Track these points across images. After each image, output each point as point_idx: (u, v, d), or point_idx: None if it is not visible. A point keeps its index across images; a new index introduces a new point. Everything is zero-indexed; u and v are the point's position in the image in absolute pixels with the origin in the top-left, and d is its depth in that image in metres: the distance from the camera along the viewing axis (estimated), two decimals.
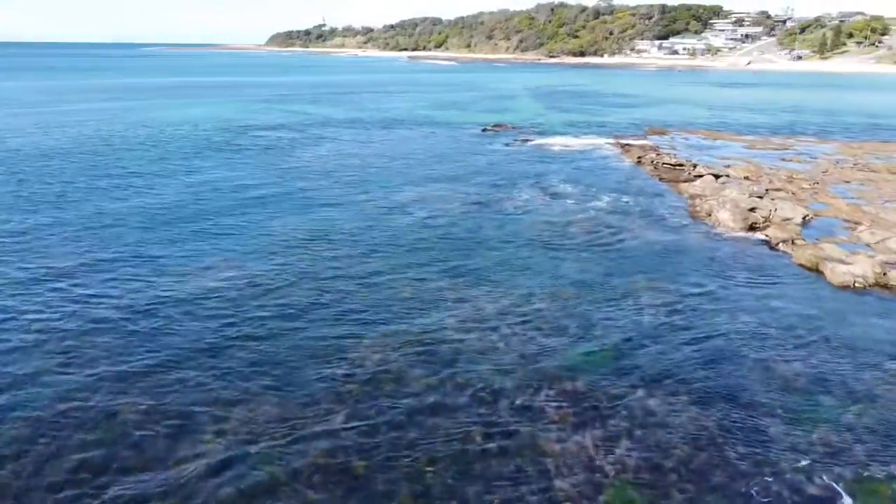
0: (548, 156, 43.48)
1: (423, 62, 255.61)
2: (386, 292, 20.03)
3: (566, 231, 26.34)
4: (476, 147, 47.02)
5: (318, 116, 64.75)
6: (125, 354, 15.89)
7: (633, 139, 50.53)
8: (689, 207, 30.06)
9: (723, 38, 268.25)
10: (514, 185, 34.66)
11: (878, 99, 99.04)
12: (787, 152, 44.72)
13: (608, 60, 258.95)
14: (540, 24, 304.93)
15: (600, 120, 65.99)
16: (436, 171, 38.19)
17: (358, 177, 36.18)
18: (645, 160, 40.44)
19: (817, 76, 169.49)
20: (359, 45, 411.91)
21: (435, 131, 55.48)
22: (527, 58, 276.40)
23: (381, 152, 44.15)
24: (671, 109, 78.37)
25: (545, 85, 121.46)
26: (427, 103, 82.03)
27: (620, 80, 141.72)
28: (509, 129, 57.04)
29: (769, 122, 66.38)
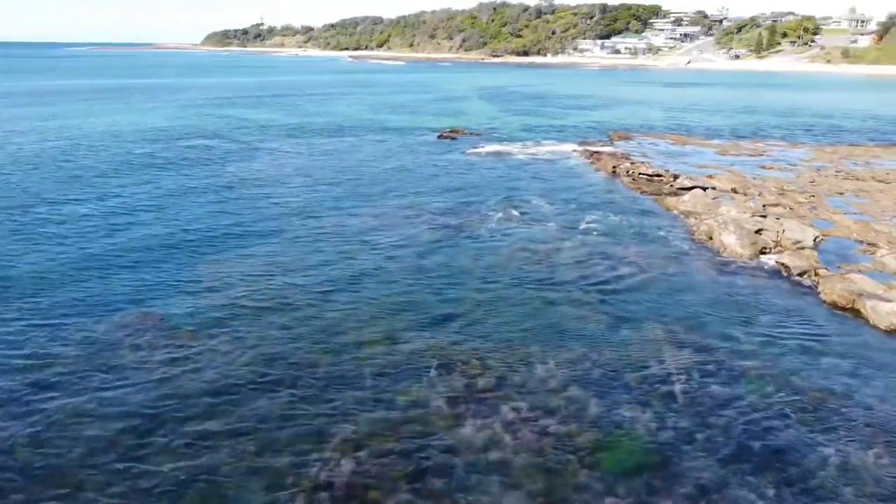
0: (514, 166, 39.78)
1: (367, 62, 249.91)
2: (350, 362, 15.77)
3: (555, 263, 22.56)
4: (434, 157, 42.97)
5: (257, 123, 59.50)
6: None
7: (600, 145, 47.38)
8: (685, 228, 26.72)
9: (663, 38, 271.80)
10: (484, 202, 30.77)
11: (824, 98, 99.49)
12: (764, 159, 42.25)
13: (552, 60, 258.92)
14: (482, 24, 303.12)
15: (558, 123, 62.87)
16: (394, 186, 33.96)
17: (304, 197, 31.61)
18: (620, 170, 37.17)
19: (757, 75, 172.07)
20: (299, 44, 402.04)
21: (386, 138, 51.18)
22: (471, 57, 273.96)
23: (328, 165, 39.61)
24: (627, 111, 76.07)
25: (494, 86, 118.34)
26: (375, 106, 77.53)
27: (568, 81, 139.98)
28: (466, 135, 53.21)
29: (728, 123, 64.54)
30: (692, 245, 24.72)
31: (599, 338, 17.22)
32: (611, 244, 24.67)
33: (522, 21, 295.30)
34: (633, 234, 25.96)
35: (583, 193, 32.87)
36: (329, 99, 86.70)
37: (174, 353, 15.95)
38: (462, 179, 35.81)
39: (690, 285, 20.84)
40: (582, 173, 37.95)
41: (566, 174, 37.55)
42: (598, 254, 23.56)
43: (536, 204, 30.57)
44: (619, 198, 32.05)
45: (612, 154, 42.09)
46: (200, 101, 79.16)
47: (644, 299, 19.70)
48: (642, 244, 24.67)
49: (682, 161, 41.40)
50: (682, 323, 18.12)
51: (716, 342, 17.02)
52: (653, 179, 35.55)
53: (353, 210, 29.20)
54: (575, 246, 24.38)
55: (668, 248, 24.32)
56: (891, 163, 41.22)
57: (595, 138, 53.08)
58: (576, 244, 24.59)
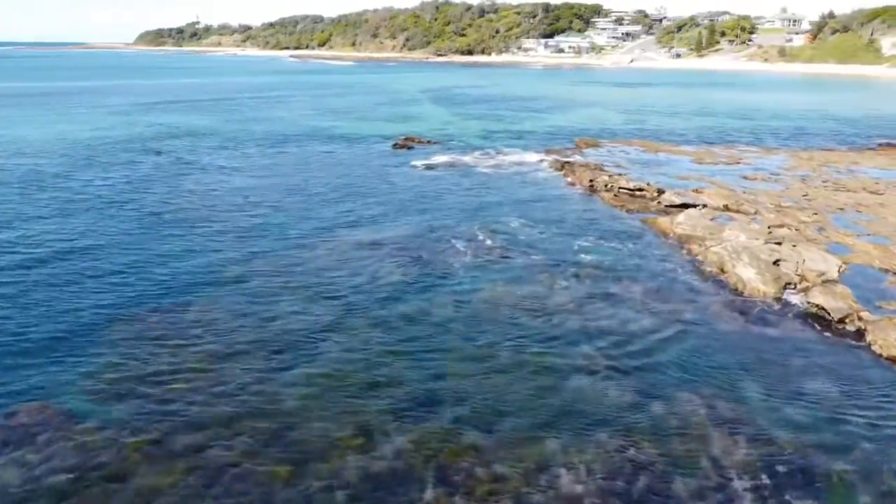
0: (480, 181, 35.95)
1: (310, 62, 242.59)
2: (315, 483, 11.56)
3: (550, 311, 18.75)
4: (390, 170, 38.77)
5: (188, 131, 53.99)
6: None
7: (568, 154, 44.01)
8: (688, 257, 23.32)
9: (605, 37, 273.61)
10: (453, 227, 26.80)
11: (774, 98, 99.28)
12: (743, 167, 39.60)
13: (496, 59, 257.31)
14: (426, 23, 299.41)
15: (517, 129, 59.41)
16: (348, 210, 29.65)
17: (240, 227, 26.96)
18: (598, 184, 33.76)
19: (701, 74, 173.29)
20: (237, 43, 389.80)
21: (335, 148, 46.65)
22: (415, 56, 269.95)
23: (270, 183, 34.93)
24: (584, 114, 73.29)
25: (443, 86, 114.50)
26: (320, 110, 72.60)
27: (516, 81, 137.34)
28: (423, 144, 49.14)
29: (690, 127, 62.32)
30: (702, 280, 21.30)
31: (629, 422, 13.48)
32: (610, 282, 21.04)
33: (466, 20, 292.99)
34: (632, 267, 22.40)
35: (562, 214, 29.24)
36: (270, 103, 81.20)
37: (76, 453, 11.41)
38: (424, 199, 31.74)
39: (717, 338, 17.32)
40: (555, 188, 34.38)
41: (539, 190, 33.91)
42: (598, 296, 19.88)
43: (513, 228, 26.77)
44: (604, 218, 28.54)
45: (584, 165, 38.70)
46: (125, 107, 72.48)
47: (667, 361, 16.06)
48: (646, 280, 21.12)
49: (660, 171, 38.33)
50: (722, 397, 14.53)
51: (771, 427, 13.46)
52: (635, 194, 32.27)
53: (302, 242, 24.79)
54: (569, 286, 20.63)
55: (676, 286, 20.83)
56: (872, 170, 39.11)
57: (559, 145, 49.78)
58: (569, 283, 20.85)
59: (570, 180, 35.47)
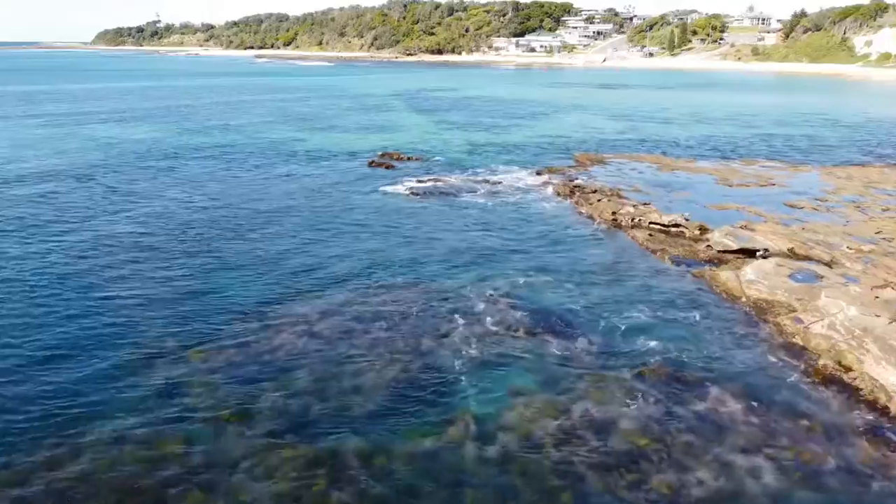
0: (476, 213, 29.48)
1: (276, 62, 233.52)
2: None
3: (625, 464, 12.33)
4: (369, 198, 32.10)
5: (131, 147, 46.46)
6: None
7: (571, 173, 37.77)
8: (780, 340, 17.10)
9: (576, 36, 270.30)
10: (451, 289, 20.26)
11: (764, 101, 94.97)
12: (780, 191, 33.79)
13: (467, 58, 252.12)
14: (394, 21, 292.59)
15: (504, 140, 53.13)
16: (310, 263, 22.87)
17: (193, 286, 20.08)
18: (622, 218, 27.57)
19: (677, 74, 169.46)
20: (199, 43, 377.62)
21: (299, 169, 39.78)
22: (383, 56, 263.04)
23: (221, 222, 27.90)
24: (572, 121, 67.33)
25: (416, 89, 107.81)
26: (283, 118, 65.41)
27: (492, 82, 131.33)
28: (403, 160, 42.54)
29: (691, 136, 56.74)
30: (820, 385, 15.06)
31: None
32: (691, 392, 14.68)
33: (435, 18, 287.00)
34: (712, 360, 16.06)
35: (588, 265, 22.89)
36: (227, 109, 73.61)
37: None
38: (411, 243, 25.15)
39: None
40: (570, 224, 28.06)
41: (550, 227, 27.51)
42: (684, 421, 13.52)
43: (530, 290, 20.34)
44: (643, 271, 22.28)
45: (598, 190, 32.47)
46: (60, 118, 63.77)
47: None
48: (741, 390, 14.72)
49: (687, 197, 32.29)
50: None
51: None
52: (670, 232, 26.16)
53: (262, 316, 17.98)
54: (635, 403, 14.24)
55: (785, 395, 14.56)
56: None
57: (556, 160, 43.62)
58: (634, 398, 14.44)
59: (586, 212, 29.22)
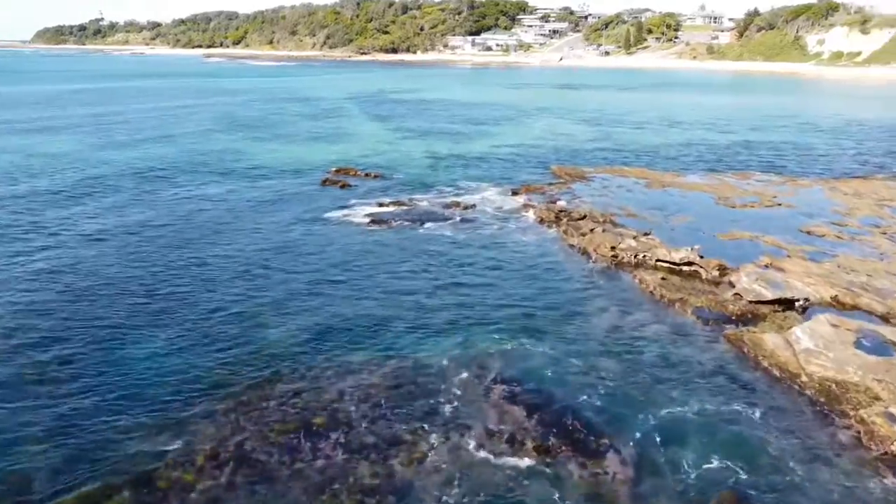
0: (448, 249, 24.90)
1: (226, 61, 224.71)
2: None
3: None
4: (320, 231, 27.18)
5: (42, 164, 40.31)
6: None
7: (552, 193, 33.47)
8: (877, 449, 13.01)
9: (532, 34, 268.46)
10: (427, 368, 15.71)
11: (732, 102, 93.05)
12: (790, 213, 30.10)
13: (423, 57, 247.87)
14: (347, 19, 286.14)
15: (469, 151, 48.69)
16: (251, 324, 17.97)
17: (77, 371, 15.03)
18: (623, 253, 23.37)
19: (636, 73, 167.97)
20: (145, 41, 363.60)
21: (241, 188, 34.60)
22: (336, 55, 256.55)
23: (139, 266, 22.66)
24: (538, 127, 63.26)
25: (372, 91, 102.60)
26: (230, 126, 59.72)
27: (449, 83, 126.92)
28: (360, 177, 37.73)
29: (669, 143, 53.34)
30: None
31: None
32: None
33: (389, 16, 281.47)
34: (799, 494, 11.84)
35: (596, 326, 18.53)
36: (164, 116, 67.31)
37: None
38: (375, 297, 20.42)
39: None
40: (562, 264, 23.69)
41: (538, 269, 23.09)
42: None
43: (535, 370, 15.90)
44: (666, 333, 18.02)
45: (588, 216, 28.20)
46: None
47: None
48: None
49: (689, 223, 28.26)
50: None
51: None
52: (682, 271, 22.05)
53: (139, 438, 13.11)
54: None
55: None
56: None
57: (530, 175, 39.42)
58: None
59: (578, 245, 24.92)
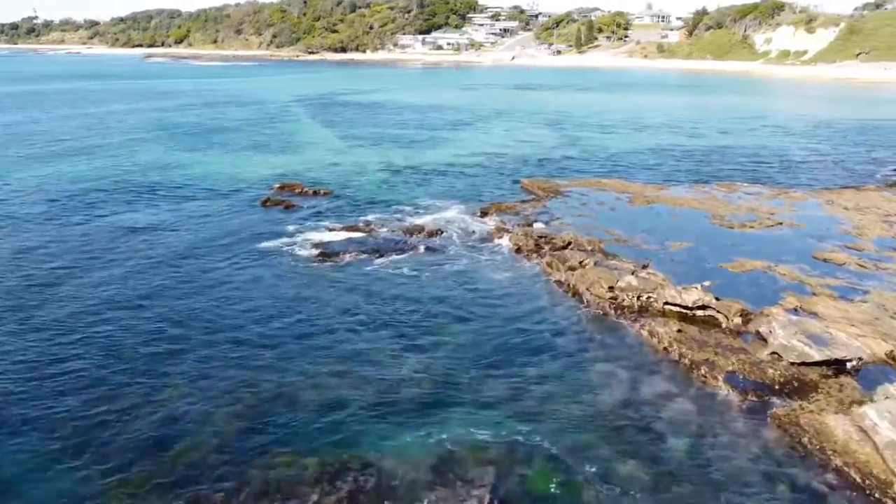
0: (408, 297, 20.78)
1: (167, 61, 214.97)
2: None
3: None
4: (257, 270, 22.73)
5: None
6: None
7: (526, 212, 29.63)
8: None
9: (483, 33, 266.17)
10: (397, 480, 11.64)
11: (688, 103, 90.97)
12: (796, 233, 26.93)
13: (373, 56, 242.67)
14: (294, 18, 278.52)
15: (428, 160, 44.66)
16: (159, 416, 13.62)
17: None
18: (623, 294, 19.65)
19: (590, 72, 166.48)
20: (83, 40, 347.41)
21: (166, 211, 29.78)
22: (283, 55, 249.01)
23: (12, 321, 17.96)
24: (501, 132, 59.58)
25: (321, 93, 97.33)
26: (161, 134, 54.20)
27: (401, 84, 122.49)
28: (306, 196, 33.29)
29: (638, 149, 50.32)
30: None
31: None
32: None
33: (337, 15, 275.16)
34: None
35: (604, 405, 14.73)
36: (88, 123, 61.16)
37: None
38: (322, 372, 16.17)
39: None
40: (550, 310, 19.83)
41: (524, 323, 19.16)
42: None
43: (533, 486, 11.96)
44: (696, 412, 14.33)
45: (572, 242, 24.43)
46: None
47: None
48: None
49: (688, 250, 24.77)
50: None
51: None
52: (695, 316, 18.45)
53: None
54: None
55: None
56: None
57: (498, 190, 35.68)
58: None
59: (566, 282, 21.12)
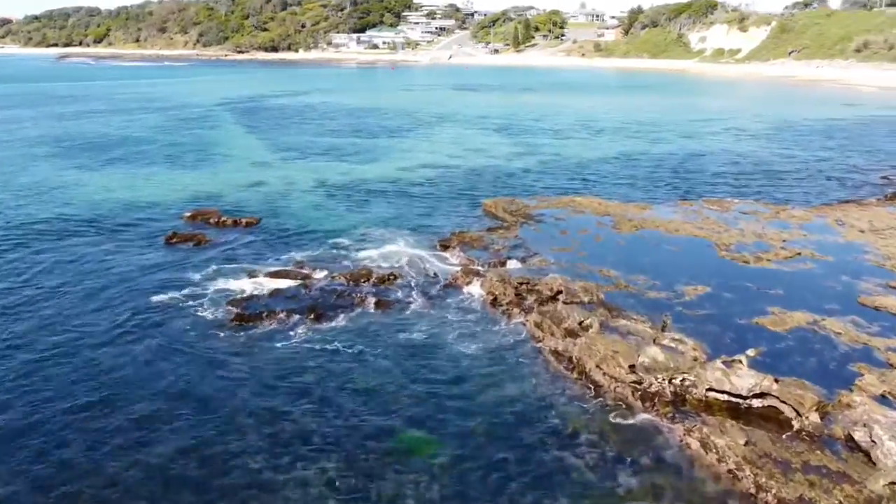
0: (352, 378, 15.39)
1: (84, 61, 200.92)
2: None
3: None
4: (143, 338, 16.83)
5: None
6: None
7: (499, 244, 24.48)
8: None
9: (419, 32, 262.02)
10: None
11: (635, 104, 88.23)
12: (824, 271, 22.65)
13: (306, 56, 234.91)
14: (221, 16, 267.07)
15: (370, 176, 39.17)
16: None
17: None
18: (651, 379, 14.74)
19: (531, 71, 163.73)
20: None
21: (27, 255, 23.34)
22: (211, 54, 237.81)
23: None
24: (447, 139, 54.53)
25: (248, 95, 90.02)
26: (56, 148, 46.69)
27: (335, 84, 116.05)
28: (224, 226, 27.24)
29: (602, 157, 46.17)
30: None
31: None
32: None
33: (267, 13, 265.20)
34: None
35: None
36: None
37: None
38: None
39: None
40: (548, 404, 14.72)
41: (517, 429, 14.01)
42: None
43: None
44: None
45: (561, 292, 19.43)
46: None
47: None
48: None
49: (706, 296, 20.11)
50: None
51: None
52: (750, 408, 13.77)
53: None
54: None
55: None
56: None
57: (455, 211, 30.59)
58: None
59: (563, 352, 16.05)
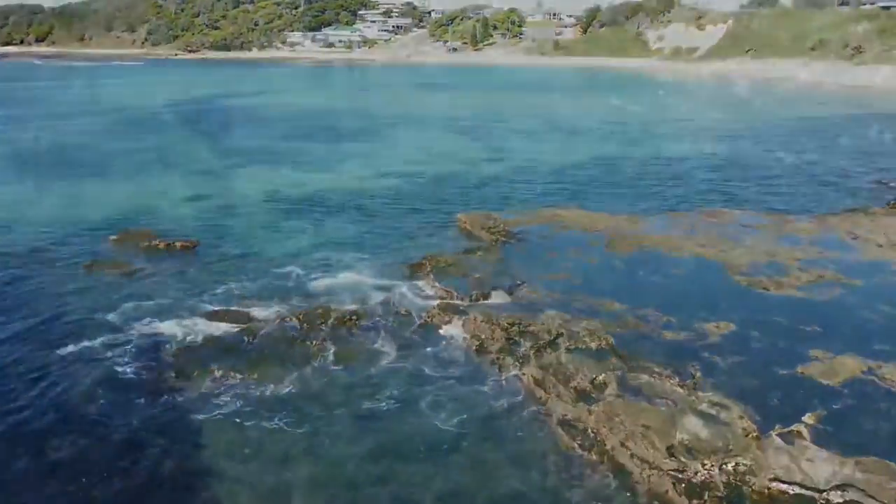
0: (291, 475, 11.99)
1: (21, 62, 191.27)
2: None
3: None
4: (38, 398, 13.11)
5: None
6: None
7: (479, 268, 21.21)
8: None
9: (375, 30, 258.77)
10: None
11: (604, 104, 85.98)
12: (859, 299, 19.90)
13: (260, 55, 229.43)
14: (170, 14, 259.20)
15: (324, 187, 35.57)
16: None
17: None
18: (696, 466, 11.63)
19: (490, 70, 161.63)
20: None
21: None
22: (160, 53, 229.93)
23: None
24: (410, 142, 51.21)
25: (197, 96, 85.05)
26: None
27: (289, 84, 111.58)
28: (157, 249, 23.35)
29: (578, 162, 43.21)
30: None
31: None
32: None
33: (219, 11, 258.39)
34: None
35: None
36: None
37: None
38: None
39: None
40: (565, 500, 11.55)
41: None
42: None
43: None
44: None
45: (561, 335, 16.26)
46: None
47: None
48: None
49: (730, 337, 17.20)
50: None
51: None
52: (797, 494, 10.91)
53: None
54: None
55: None
56: None
57: (423, 228, 27.31)
58: None
59: (572, 422, 12.85)
